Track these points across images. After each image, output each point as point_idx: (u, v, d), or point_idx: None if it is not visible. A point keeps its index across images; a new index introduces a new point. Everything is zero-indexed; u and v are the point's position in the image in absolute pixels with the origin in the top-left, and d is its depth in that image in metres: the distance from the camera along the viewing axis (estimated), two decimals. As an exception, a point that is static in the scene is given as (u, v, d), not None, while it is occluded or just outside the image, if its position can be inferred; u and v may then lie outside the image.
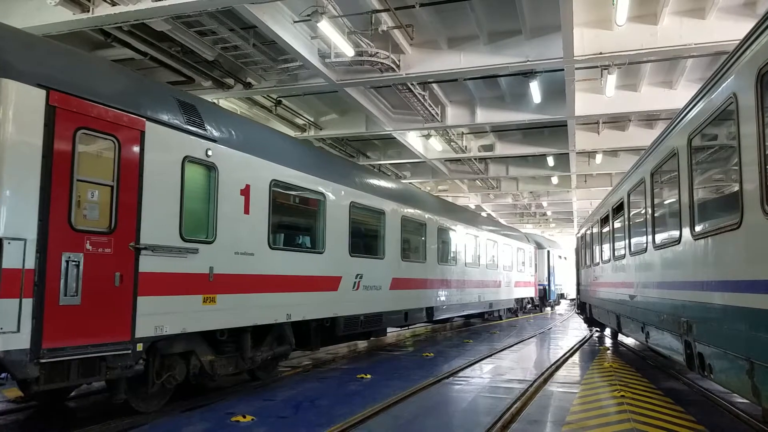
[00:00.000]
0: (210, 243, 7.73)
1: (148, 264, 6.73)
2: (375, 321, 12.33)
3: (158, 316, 6.83)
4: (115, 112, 6.56)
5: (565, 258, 39.63)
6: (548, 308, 34.71)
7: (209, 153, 7.79)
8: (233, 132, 8.48)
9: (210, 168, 7.86)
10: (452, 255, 17.89)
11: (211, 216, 7.84)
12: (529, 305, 29.88)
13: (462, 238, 18.70)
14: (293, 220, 10.44)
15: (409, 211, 14.45)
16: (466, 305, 19.14)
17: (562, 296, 39.38)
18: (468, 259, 19.20)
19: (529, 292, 28.82)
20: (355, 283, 11.48)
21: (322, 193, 10.49)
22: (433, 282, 15.94)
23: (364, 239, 12.37)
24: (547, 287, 33.62)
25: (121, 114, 6.61)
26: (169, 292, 7.02)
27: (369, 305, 12.02)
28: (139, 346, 6.59)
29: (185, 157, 7.40)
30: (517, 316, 27.28)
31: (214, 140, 7.91)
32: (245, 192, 8.45)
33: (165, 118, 7.22)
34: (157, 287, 6.85)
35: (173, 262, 7.10)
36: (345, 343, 13.55)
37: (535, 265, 30.28)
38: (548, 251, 34.27)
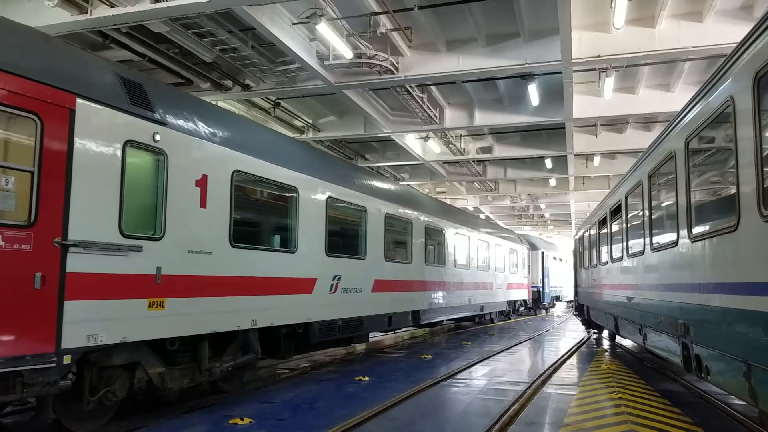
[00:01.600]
0: (157, 240, 6.85)
1: (78, 263, 5.83)
2: (355, 326, 11.47)
3: (92, 324, 5.95)
4: (37, 86, 5.64)
5: (561, 259, 39.11)
6: (543, 311, 34.32)
7: (157, 138, 6.87)
8: (188, 115, 7.59)
9: (158, 155, 6.94)
10: (441, 256, 17.09)
11: (159, 209, 6.91)
12: (522, 308, 29.33)
13: (452, 238, 17.91)
14: (260, 216, 9.51)
15: (395, 208, 13.64)
16: (456, 308, 18.36)
17: (557, 298, 38.87)
18: (458, 260, 18.42)
19: (522, 295, 28.18)
20: (332, 285, 10.63)
21: (294, 187, 9.57)
22: (420, 284, 15.14)
23: (344, 238, 11.56)
24: (541, 289, 32.97)
25: (44, 88, 5.69)
26: (105, 296, 6.14)
27: (348, 309, 11.18)
28: (67, 359, 5.67)
29: (127, 142, 6.50)
30: (509, 319, 26.89)
31: (163, 123, 7.01)
32: (202, 183, 7.53)
33: (102, 95, 6.29)
34: (90, 290, 5.96)
35: (111, 261, 6.23)
36: (322, 350, 12.62)
37: (529, 266, 29.73)
38: (542, 252, 33.67)
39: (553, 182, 28.42)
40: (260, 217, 9.50)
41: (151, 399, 7.84)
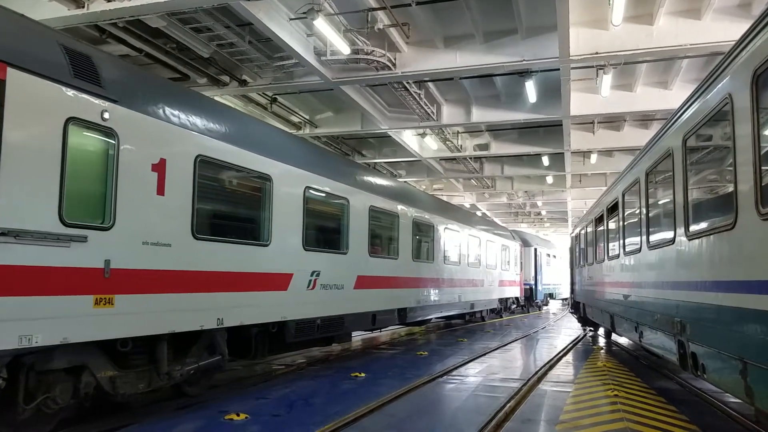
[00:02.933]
0: (106, 230, 6.15)
1: (7, 255, 5.18)
2: (335, 325, 10.73)
3: (24, 323, 5.29)
4: None
5: (554, 256, 38.46)
6: (537, 309, 33.85)
7: (106, 116, 6.18)
8: (145, 93, 6.85)
9: (107, 135, 6.24)
10: (430, 251, 16.34)
11: (108, 196, 6.21)
12: (515, 305, 28.74)
13: (441, 234, 17.11)
14: (229, 206, 8.68)
15: (380, 201, 12.87)
16: (445, 306, 17.64)
17: (551, 296, 38.21)
18: (448, 256, 17.67)
19: (515, 292, 27.53)
20: (310, 281, 9.91)
21: (267, 176, 8.82)
22: (407, 281, 14.38)
23: (324, 231, 10.92)
24: (533, 287, 32.32)
25: None
26: (41, 292, 5.47)
27: (328, 307, 10.47)
28: None
29: (70, 119, 5.80)
30: (501, 317, 26.30)
31: (114, 100, 6.30)
32: (159, 168, 6.78)
33: (40, 66, 5.61)
34: (20, 285, 5.29)
35: (49, 252, 5.53)
36: (299, 350, 11.81)
37: (521, 263, 29.09)
38: (535, 249, 32.95)
39: (550, 180, 28.43)
40: (228, 207, 8.67)
41: (143, 395, 7.82)
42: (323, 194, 10.61)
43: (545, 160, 24.65)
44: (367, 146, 24.18)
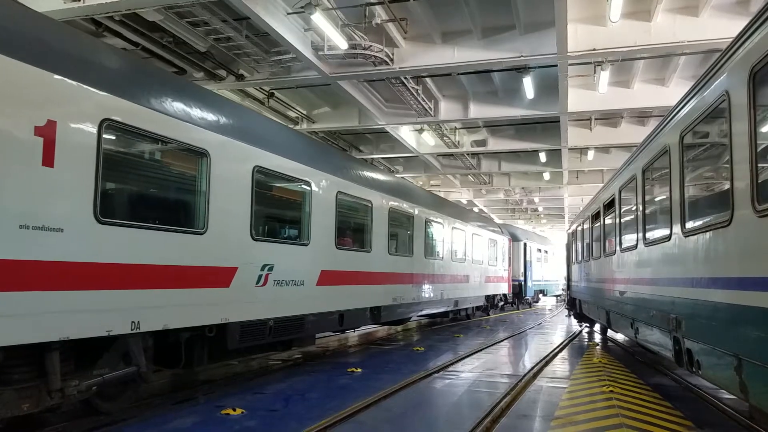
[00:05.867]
0: None
1: None
2: (294, 326, 9.36)
3: None
4: None
5: (546, 251, 37.31)
6: (527, 306, 33.02)
7: None
8: (22, 33, 5.42)
9: None
10: (409, 244, 14.86)
11: None
12: (502, 302, 27.57)
13: (422, 225, 15.59)
14: (148, 184, 7.25)
15: (350, 187, 11.46)
16: (425, 303, 16.12)
17: (542, 293, 36.87)
18: (428, 250, 16.13)
19: (502, 289, 26.16)
20: (260, 276, 8.48)
21: (203, 150, 7.36)
22: (382, 276, 12.94)
23: (279, 220, 9.86)
24: (522, 283, 30.97)
25: None
26: None
27: (284, 306, 9.09)
28: None
29: None
30: (488, 314, 25.20)
31: None
32: (46, 132, 5.42)
33: None
34: None
35: None
36: (249, 356, 10.40)
37: (509, 258, 27.77)
38: (524, 243, 31.52)
39: (547, 176, 28.48)
40: (148, 186, 7.26)
41: (141, 389, 7.82)
42: (278, 176, 9.17)
43: (542, 157, 24.68)
44: (364, 142, 24.16)
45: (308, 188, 9.95)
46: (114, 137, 6.20)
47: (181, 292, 6.96)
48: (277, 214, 9.86)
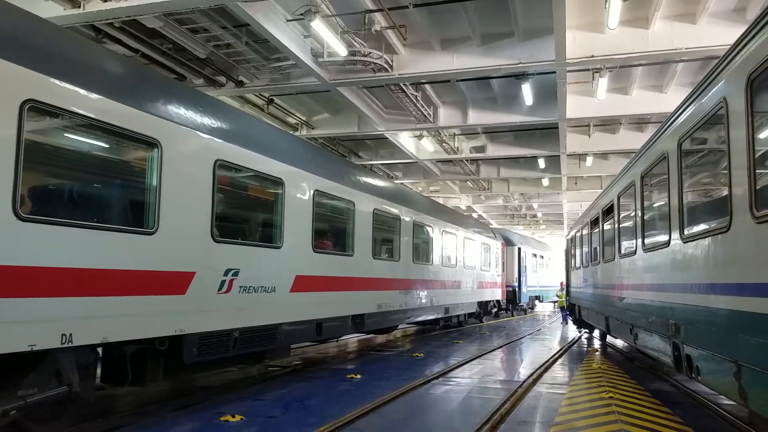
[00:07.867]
0: None
1: None
2: (264, 337, 8.49)
3: None
4: None
5: (542, 256, 36.82)
6: (522, 312, 32.44)
7: None
8: None
9: None
10: (396, 249, 13.93)
11: None
12: (495, 309, 26.95)
13: (410, 229, 14.70)
14: (84, 177, 6.36)
15: (330, 186, 10.61)
16: (414, 311, 15.25)
17: (538, 299, 36.03)
18: (418, 255, 15.33)
19: (496, 295, 25.44)
20: (223, 282, 7.60)
21: (153, 140, 6.51)
22: (366, 282, 12.10)
23: (246, 220, 9.12)
24: (517, 288, 30.14)
25: None
26: None
27: (251, 315, 8.20)
28: None
29: None
30: (481, 321, 24.43)
31: None
32: None
33: None
34: None
35: None
36: (212, 370, 9.52)
37: (503, 263, 27.15)
38: (519, 248, 30.60)
39: (545, 182, 28.53)
40: (85, 179, 6.39)
41: (139, 396, 7.81)
42: (246, 172, 8.41)
43: (541, 163, 24.74)
44: (363, 148, 24.20)
45: (281, 186, 9.04)
46: (36, 121, 5.34)
47: (124, 300, 6.10)
48: (244, 213, 9.10)
